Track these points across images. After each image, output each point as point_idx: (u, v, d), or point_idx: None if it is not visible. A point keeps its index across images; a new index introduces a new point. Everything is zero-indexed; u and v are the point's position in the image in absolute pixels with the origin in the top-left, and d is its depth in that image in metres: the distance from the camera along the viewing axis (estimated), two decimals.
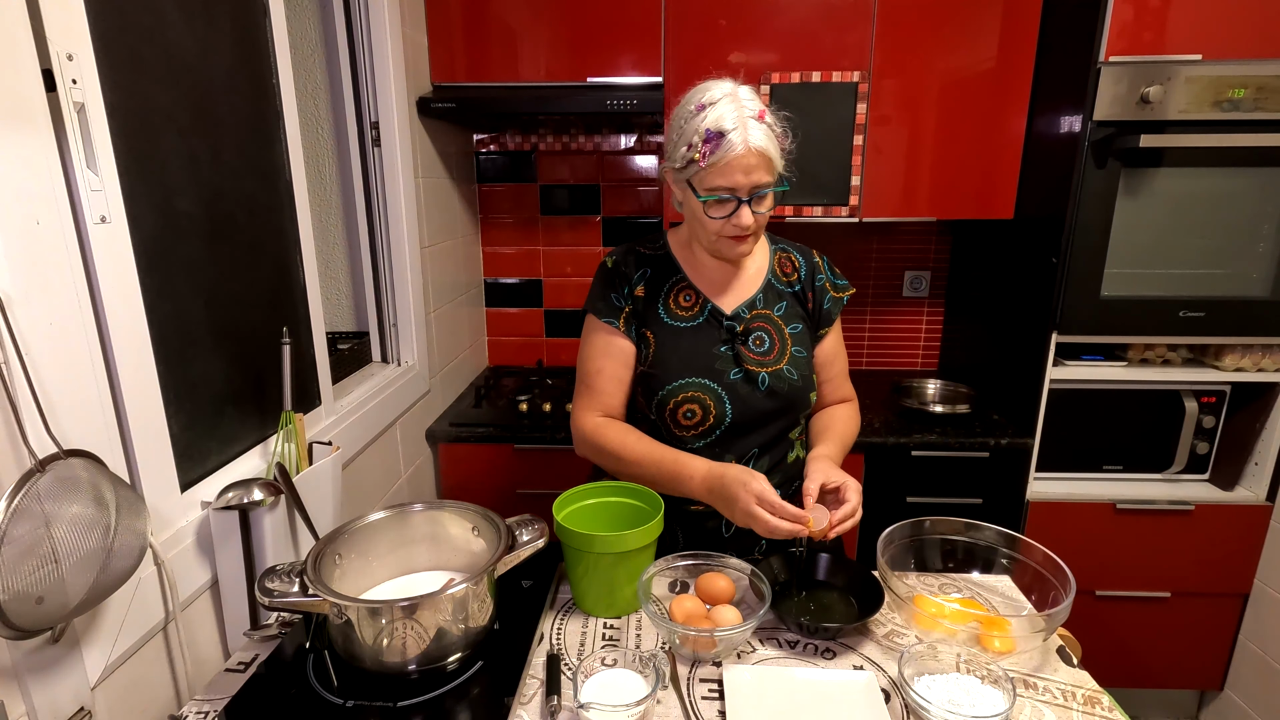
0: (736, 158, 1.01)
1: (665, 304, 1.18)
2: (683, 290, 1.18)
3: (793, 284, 1.22)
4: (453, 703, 0.83)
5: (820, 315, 1.23)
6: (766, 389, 1.14)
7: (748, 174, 1.02)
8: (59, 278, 0.79)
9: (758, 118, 1.02)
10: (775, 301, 1.20)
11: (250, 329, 1.19)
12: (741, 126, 1.00)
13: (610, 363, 1.18)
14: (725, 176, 1.02)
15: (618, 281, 1.18)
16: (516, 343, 2.51)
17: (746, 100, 1.03)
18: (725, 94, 1.03)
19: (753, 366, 1.14)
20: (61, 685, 0.79)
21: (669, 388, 1.14)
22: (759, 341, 1.16)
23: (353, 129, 1.70)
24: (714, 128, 1.01)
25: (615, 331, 1.17)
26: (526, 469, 1.94)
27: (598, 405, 1.18)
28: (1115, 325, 1.78)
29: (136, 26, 0.94)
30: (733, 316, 1.17)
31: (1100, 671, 0.96)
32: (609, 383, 1.18)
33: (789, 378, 1.15)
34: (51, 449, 0.74)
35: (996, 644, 0.91)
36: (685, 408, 1.13)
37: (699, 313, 1.17)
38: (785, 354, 1.17)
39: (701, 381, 1.13)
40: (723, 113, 1.01)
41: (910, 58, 1.86)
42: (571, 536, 1.00)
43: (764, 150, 1.01)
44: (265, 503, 1.00)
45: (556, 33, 1.89)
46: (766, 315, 1.18)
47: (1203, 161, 1.66)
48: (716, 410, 1.13)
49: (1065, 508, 1.89)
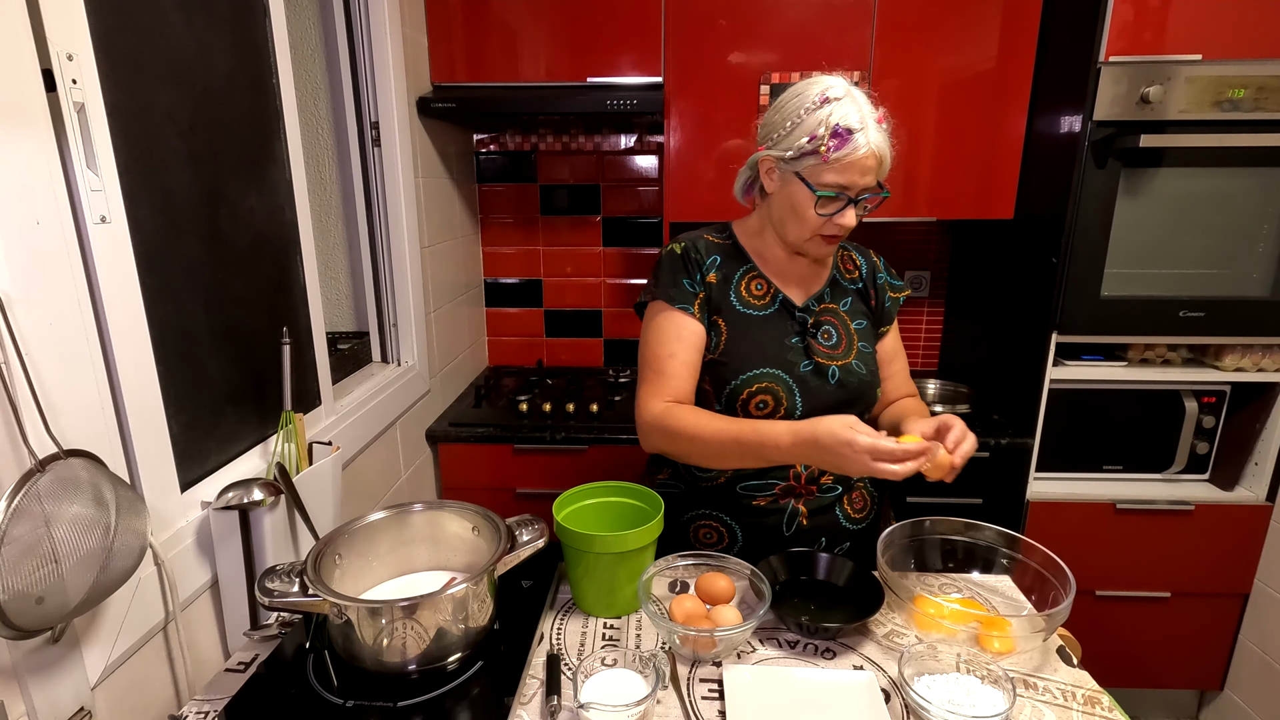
0: (860, 158, 1.00)
1: (737, 291, 1.16)
2: (754, 279, 1.17)
3: (855, 281, 1.24)
4: (453, 703, 0.83)
5: (882, 313, 1.24)
6: (837, 382, 1.14)
7: (864, 175, 1.02)
8: (59, 278, 0.79)
9: (878, 120, 1.02)
10: (841, 297, 1.21)
11: (250, 329, 1.19)
12: (866, 127, 1.00)
13: (682, 347, 1.12)
14: (844, 175, 1.02)
15: (690, 267, 1.15)
16: (516, 343, 2.51)
17: (864, 101, 1.03)
18: (846, 91, 1.02)
19: (822, 359, 1.14)
20: (61, 685, 0.79)
21: (742, 378, 1.11)
22: (827, 335, 1.17)
23: (353, 129, 1.70)
24: (843, 124, 0.99)
25: (689, 316, 1.13)
26: (526, 469, 1.94)
27: (667, 391, 1.11)
28: (1115, 325, 1.78)
29: (136, 26, 0.94)
30: (803, 308, 1.17)
31: (1100, 671, 0.96)
32: (681, 368, 1.12)
33: (858, 371, 1.16)
34: (51, 449, 0.74)
35: (996, 644, 0.91)
36: (758, 399, 1.11)
37: (770, 302, 1.16)
38: (853, 348, 1.18)
39: (774, 372, 1.12)
40: (849, 110, 1.00)
41: (910, 57, 1.86)
42: (571, 536, 1.00)
43: (882, 154, 1.02)
44: (265, 503, 1.00)
45: (556, 33, 1.89)
46: (833, 310, 1.19)
47: (1203, 161, 1.66)
48: (788, 402, 1.12)
49: (1065, 508, 1.89)
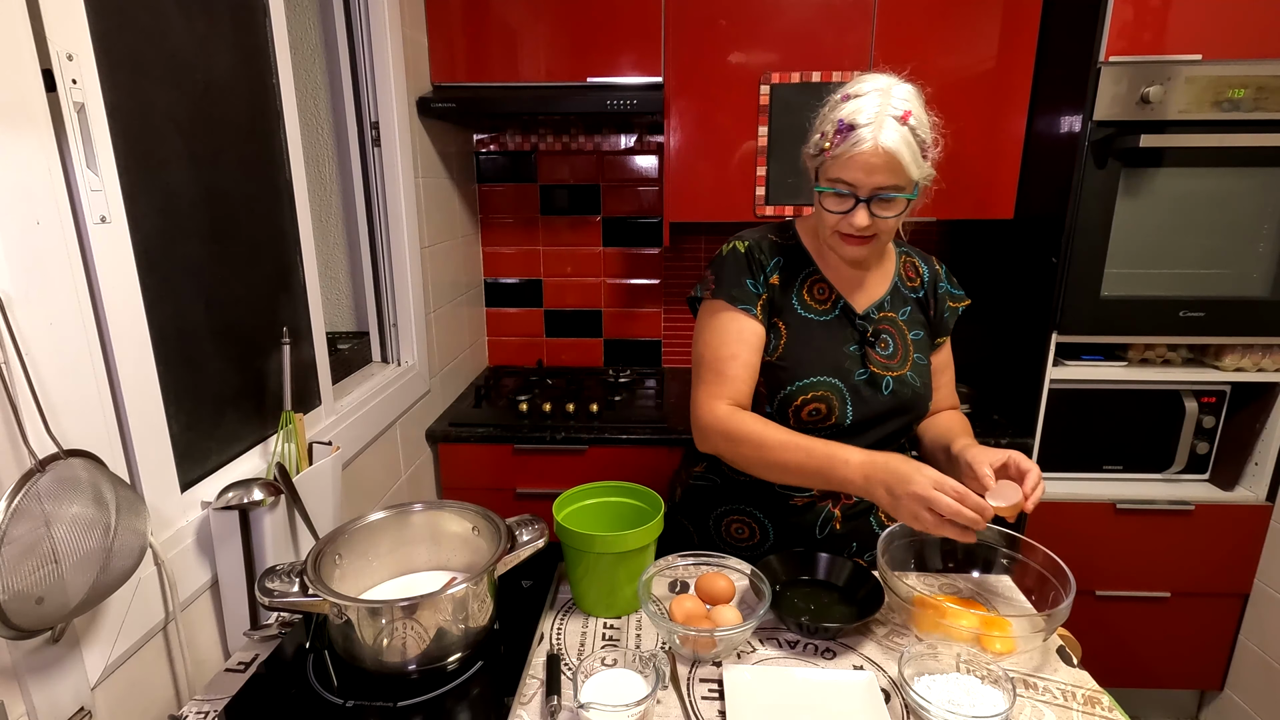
0: (861, 153, 0.98)
1: (799, 295, 1.15)
2: (816, 283, 1.15)
3: (916, 290, 1.21)
4: (453, 703, 0.83)
5: (940, 324, 1.22)
6: (890, 392, 1.12)
7: (869, 173, 0.99)
8: (59, 278, 0.79)
9: (900, 118, 0.98)
10: (900, 306, 1.19)
11: (250, 329, 1.19)
12: (876, 123, 0.97)
13: (744, 349, 1.10)
14: (845, 170, 1.00)
15: (753, 268, 1.13)
16: (516, 343, 2.51)
17: (897, 98, 0.99)
18: (876, 88, 1.00)
19: (878, 369, 1.13)
20: (61, 685, 0.79)
21: (799, 384, 1.10)
22: (885, 345, 1.15)
23: (353, 129, 1.70)
24: (848, 119, 0.99)
25: (752, 317, 1.11)
26: (526, 469, 1.94)
27: (728, 393, 1.09)
28: (1115, 325, 1.78)
29: (136, 26, 0.94)
30: (864, 316, 1.15)
31: (1100, 671, 0.96)
32: (743, 369, 1.10)
33: (912, 384, 1.14)
34: (51, 449, 0.73)
35: (997, 644, 0.91)
36: (812, 405, 1.10)
37: (832, 308, 1.15)
38: (909, 359, 1.16)
39: (830, 380, 1.11)
40: (863, 105, 0.98)
41: (910, 58, 1.85)
42: (571, 536, 1.00)
43: (893, 151, 0.97)
44: (265, 503, 1.00)
45: (556, 33, 1.89)
46: (892, 319, 1.17)
47: (1203, 161, 1.66)
48: (839, 410, 1.11)
49: (1065, 508, 1.89)
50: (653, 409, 2.05)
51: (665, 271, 2.41)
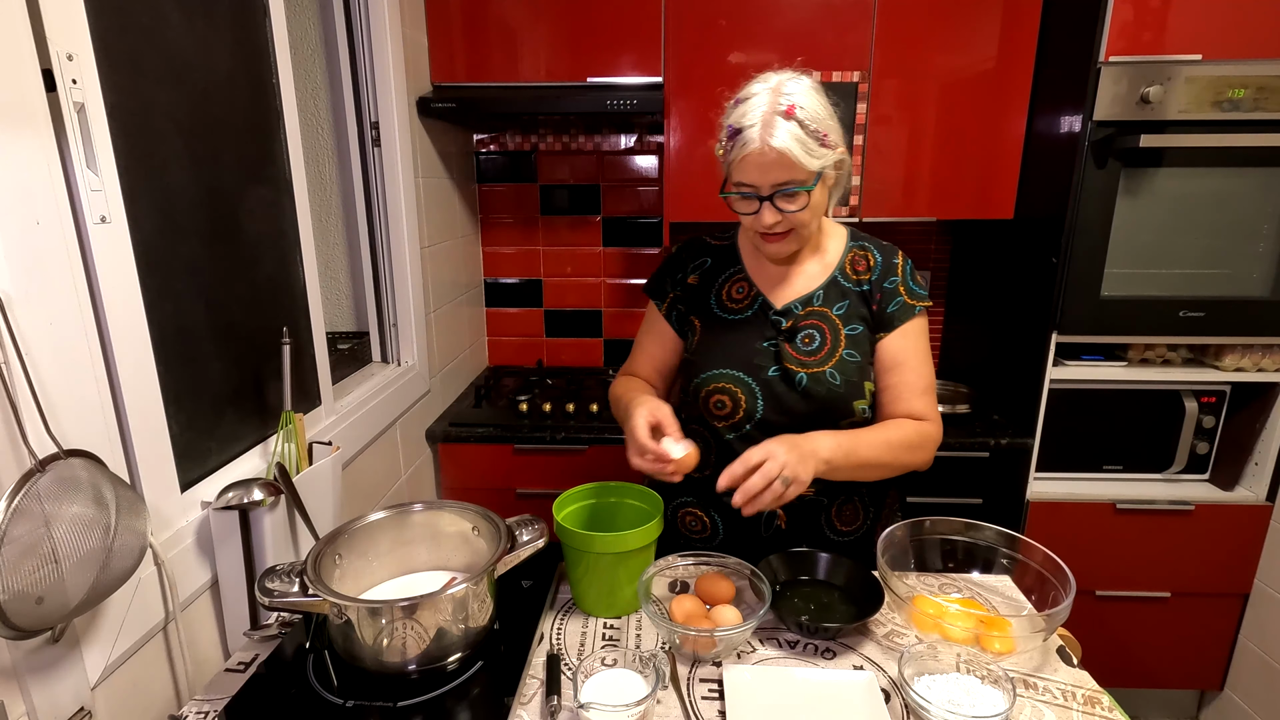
0: (751, 154, 0.99)
1: (718, 295, 1.19)
2: (737, 282, 1.18)
3: (862, 283, 1.15)
4: (453, 703, 0.83)
5: (883, 317, 1.14)
6: (803, 389, 1.11)
7: (764, 172, 1.00)
8: (59, 278, 0.79)
9: (785, 114, 0.97)
10: (837, 300, 1.15)
11: (250, 329, 1.19)
12: (760, 123, 0.97)
13: (649, 339, 1.25)
14: (743, 173, 1.02)
15: (674, 268, 1.23)
16: (516, 343, 2.51)
17: (784, 93, 0.99)
18: (766, 87, 1.00)
19: (793, 365, 1.12)
20: (61, 685, 0.79)
21: (703, 376, 1.15)
22: (808, 340, 1.13)
23: (353, 129, 1.70)
24: (735, 124, 1.00)
25: (657, 315, 1.24)
26: (526, 469, 1.94)
27: (626, 369, 1.28)
28: (1115, 325, 1.78)
29: (136, 26, 0.95)
30: (782, 312, 1.15)
31: (1100, 671, 0.96)
32: (644, 358, 1.25)
33: (830, 381, 1.10)
34: (51, 449, 0.74)
35: (996, 644, 0.91)
36: (716, 398, 1.13)
37: (749, 305, 1.16)
38: (835, 356, 1.12)
39: (735, 374, 1.13)
40: (749, 107, 0.99)
41: (910, 58, 1.86)
42: (571, 536, 1.00)
43: (781, 148, 0.97)
44: (265, 503, 1.00)
45: (556, 33, 1.89)
46: (823, 314, 1.14)
47: (1203, 161, 1.66)
48: (747, 404, 1.12)
49: (1065, 508, 1.89)
50: None
51: None
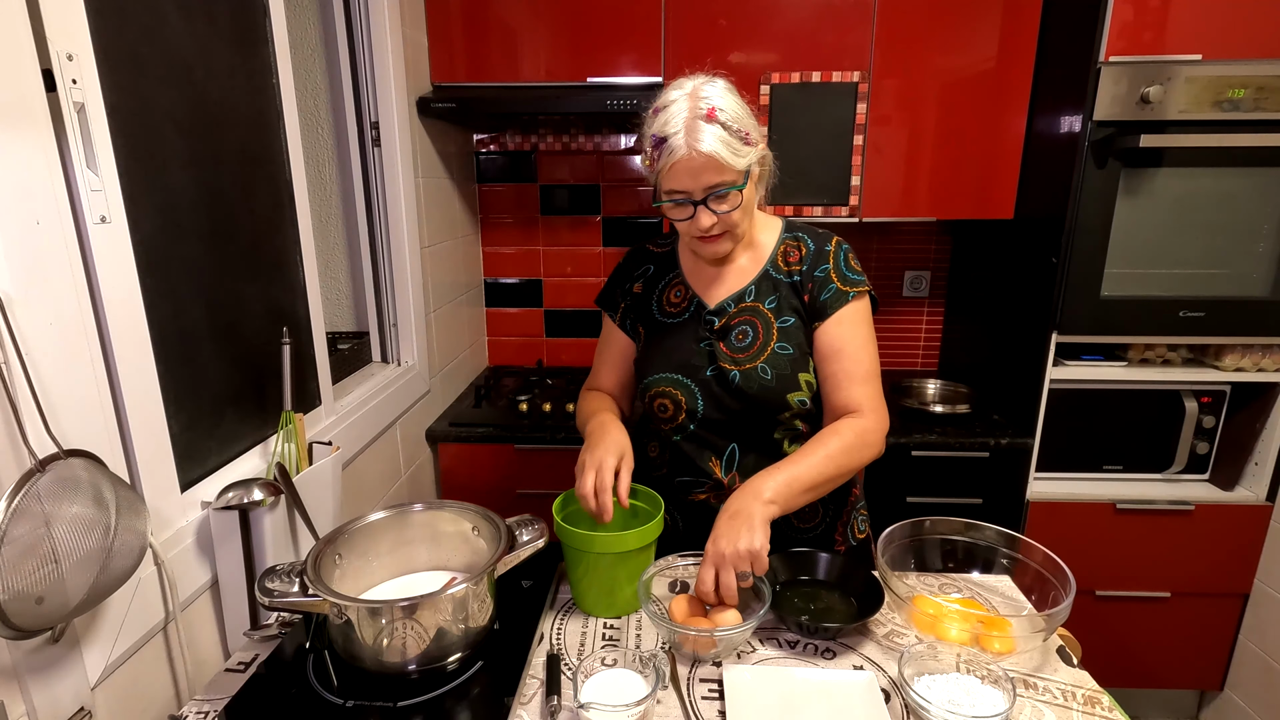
0: (679, 162, 0.98)
1: (659, 301, 1.20)
2: (675, 287, 1.20)
3: (793, 273, 1.13)
4: (453, 703, 0.83)
5: (816, 306, 1.11)
6: (735, 387, 1.11)
7: (695, 177, 0.99)
8: (59, 278, 0.79)
9: (706, 117, 0.97)
10: (768, 294, 1.13)
11: (250, 329, 1.19)
12: (684, 130, 0.97)
13: (607, 350, 1.27)
14: (673, 180, 1.02)
15: (621, 279, 1.25)
16: (516, 343, 2.51)
17: (702, 97, 0.98)
18: (683, 94, 1.00)
19: (727, 364, 1.11)
20: (61, 685, 0.79)
21: (645, 381, 1.17)
22: (741, 336, 1.13)
23: (353, 129, 1.70)
24: (659, 133, 1.00)
25: (613, 326, 1.26)
26: (526, 469, 1.94)
27: (590, 384, 1.30)
28: (1115, 325, 1.78)
29: (136, 26, 0.94)
30: (715, 311, 1.14)
31: (1100, 671, 0.96)
32: (604, 366, 1.27)
33: (760, 377, 1.09)
34: (51, 449, 0.74)
35: (996, 644, 0.91)
36: (658, 402, 1.16)
37: (686, 308, 1.18)
38: (766, 350, 1.11)
39: (674, 377, 1.14)
40: (671, 114, 0.99)
41: (910, 58, 1.86)
42: (571, 536, 1.00)
43: (708, 152, 0.96)
44: (265, 503, 1.00)
45: (556, 33, 1.89)
46: (754, 309, 1.13)
47: (1203, 161, 1.66)
48: (688, 405, 1.14)
49: (1065, 508, 1.89)
50: None
51: None
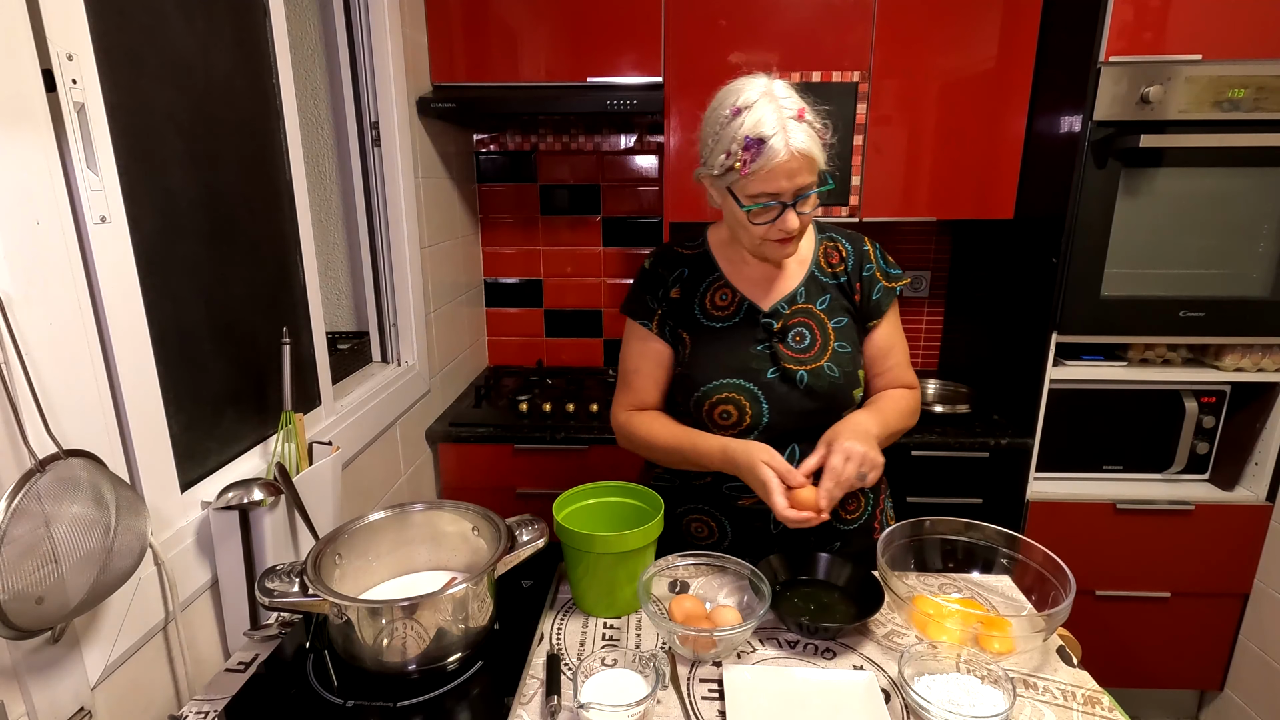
0: (779, 164, 0.96)
1: (701, 304, 1.16)
2: (719, 289, 1.16)
3: (838, 275, 1.17)
4: (453, 703, 0.83)
5: (869, 307, 1.17)
6: (805, 387, 1.11)
7: (791, 178, 0.98)
8: (59, 278, 0.79)
9: (797, 117, 0.96)
10: (818, 295, 1.15)
11: (250, 329, 1.19)
12: (782, 130, 0.95)
13: (645, 363, 1.19)
14: (769, 183, 0.98)
15: (653, 284, 1.18)
16: (516, 343, 2.51)
17: (784, 99, 0.97)
18: (761, 93, 0.97)
19: (790, 365, 1.11)
20: (61, 685, 0.79)
21: (704, 389, 1.12)
22: (799, 338, 1.13)
23: (353, 129, 1.70)
24: (753, 134, 0.95)
25: (649, 335, 1.18)
26: (526, 469, 1.94)
27: (632, 402, 1.21)
28: (1115, 325, 1.78)
29: (136, 26, 0.95)
30: (770, 313, 1.14)
31: (1100, 671, 0.96)
32: (644, 380, 1.20)
33: (829, 375, 1.12)
34: (51, 449, 0.73)
35: (996, 644, 0.91)
36: (720, 409, 1.12)
37: (735, 312, 1.15)
38: (827, 350, 1.13)
39: (737, 382, 1.11)
40: (761, 116, 0.96)
41: (910, 58, 1.86)
42: (571, 536, 1.00)
43: (807, 152, 0.96)
44: (265, 503, 1.00)
45: (556, 33, 1.89)
46: (808, 310, 1.14)
47: (1203, 161, 1.66)
48: (753, 410, 1.11)
49: (1065, 508, 1.89)
50: None
51: None
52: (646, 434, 1.17)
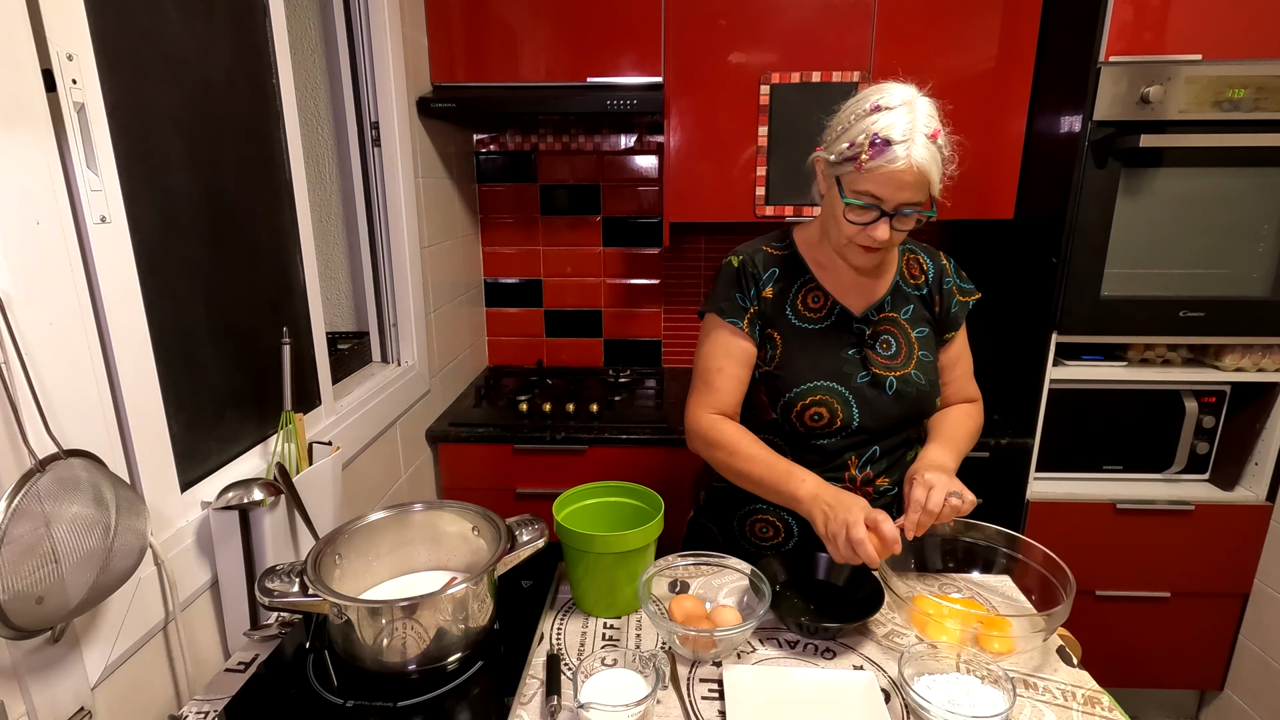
0: (895, 170, 0.97)
1: (794, 305, 1.16)
2: (811, 291, 1.16)
3: (920, 287, 1.20)
4: (453, 703, 0.83)
5: (947, 319, 1.21)
6: (894, 393, 1.13)
7: (899, 189, 0.99)
8: (59, 278, 0.79)
9: (931, 136, 0.97)
10: (902, 304, 1.18)
11: (250, 329, 1.19)
12: (910, 140, 0.96)
13: (730, 363, 1.15)
14: (877, 184, 0.99)
15: (745, 281, 1.16)
16: (516, 343, 2.51)
17: (923, 115, 0.98)
18: (904, 101, 0.99)
19: (880, 370, 1.13)
20: (61, 685, 0.79)
21: (796, 390, 1.12)
22: (885, 345, 1.15)
23: (353, 129, 1.70)
24: (883, 134, 0.96)
25: (738, 332, 1.15)
26: (526, 469, 1.94)
27: (714, 403, 1.16)
28: (1115, 325, 1.78)
29: (136, 26, 0.94)
30: (861, 319, 1.15)
31: (1100, 671, 0.96)
32: (728, 381, 1.15)
33: (917, 382, 1.14)
34: (51, 449, 0.74)
35: (996, 644, 0.91)
36: (812, 411, 1.12)
37: (827, 315, 1.15)
38: (913, 358, 1.15)
39: (829, 385, 1.12)
40: (895, 120, 0.97)
41: (910, 58, 1.85)
42: (571, 536, 1.00)
43: (925, 169, 0.97)
44: (265, 503, 1.00)
45: (556, 33, 1.89)
46: (893, 318, 1.17)
47: (1203, 161, 1.66)
48: (844, 414, 1.11)
49: (1065, 508, 1.89)
50: (652, 409, 2.05)
51: (665, 271, 2.41)
52: (733, 442, 1.11)
